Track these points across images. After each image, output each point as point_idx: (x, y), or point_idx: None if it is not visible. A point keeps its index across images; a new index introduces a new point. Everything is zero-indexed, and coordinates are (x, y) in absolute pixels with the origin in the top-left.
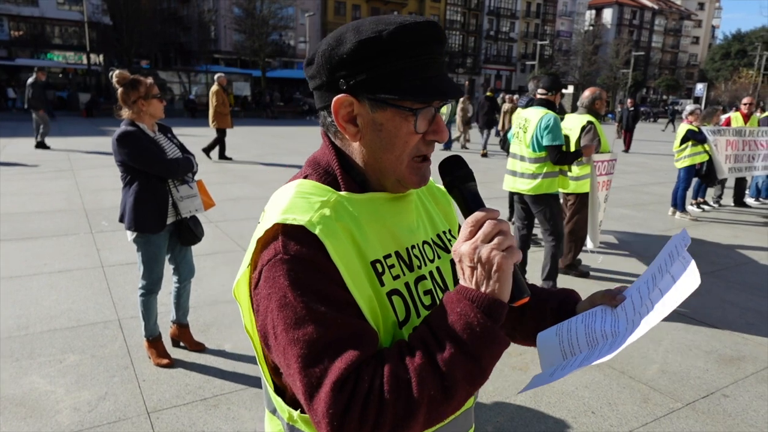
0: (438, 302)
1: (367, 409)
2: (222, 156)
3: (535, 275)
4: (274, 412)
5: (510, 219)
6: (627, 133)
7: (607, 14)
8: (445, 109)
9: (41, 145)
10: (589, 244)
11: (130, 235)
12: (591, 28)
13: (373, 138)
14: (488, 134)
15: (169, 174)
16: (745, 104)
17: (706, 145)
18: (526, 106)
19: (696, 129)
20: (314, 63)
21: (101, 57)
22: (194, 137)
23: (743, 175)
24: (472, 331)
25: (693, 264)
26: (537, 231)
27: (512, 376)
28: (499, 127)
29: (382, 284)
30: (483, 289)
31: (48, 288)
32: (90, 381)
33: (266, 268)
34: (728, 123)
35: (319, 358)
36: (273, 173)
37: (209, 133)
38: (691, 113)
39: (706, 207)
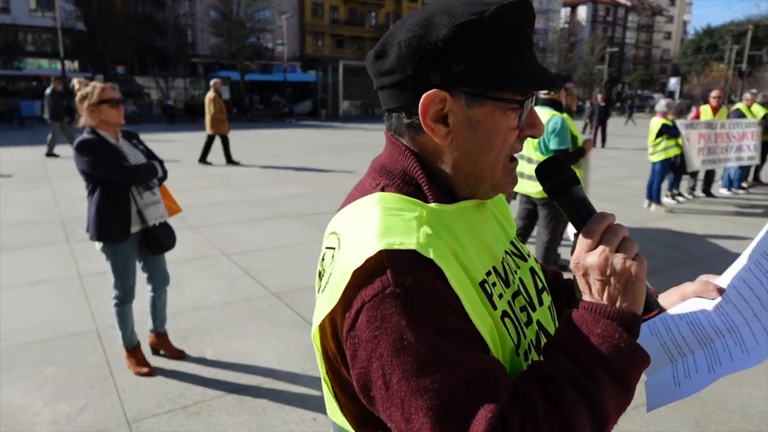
0: (531, 319)
1: None
2: (202, 159)
3: None
4: None
5: None
6: (600, 129)
7: (582, 11)
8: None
9: (50, 154)
10: (572, 236)
11: (98, 245)
12: (566, 25)
13: (468, 138)
14: None
15: (129, 181)
16: (714, 97)
17: (679, 139)
18: None
19: (670, 123)
20: (390, 55)
21: (76, 64)
22: (173, 143)
23: (717, 166)
24: (620, 354)
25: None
26: None
27: None
28: None
29: (495, 307)
30: (618, 304)
31: (24, 299)
32: (69, 393)
33: (369, 305)
34: (698, 116)
35: (457, 407)
36: (254, 177)
37: (188, 139)
38: (667, 107)
39: (680, 198)
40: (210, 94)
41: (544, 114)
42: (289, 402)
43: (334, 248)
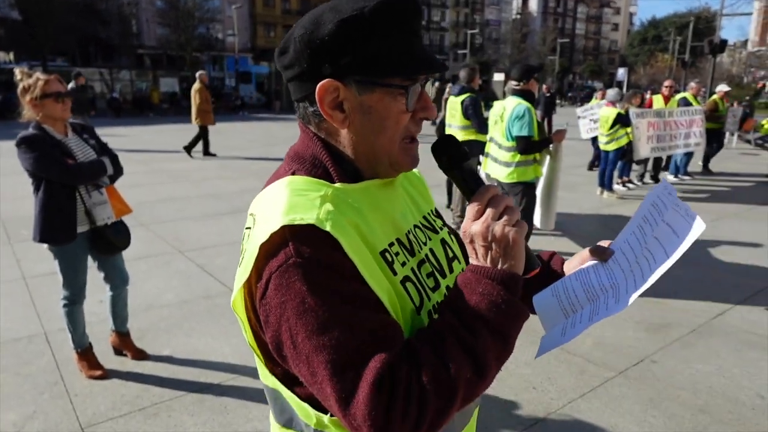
0: (440, 284)
1: (410, 405)
2: (207, 153)
3: None
4: (289, 423)
5: (448, 206)
6: (546, 120)
7: (533, 2)
8: (429, 86)
9: None
10: (537, 224)
11: (45, 244)
12: (518, 16)
13: (363, 122)
14: None
15: (72, 180)
16: (666, 87)
17: (629, 128)
18: (459, 94)
19: (624, 112)
20: (289, 51)
21: (11, 55)
22: (120, 138)
23: (666, 153)
24: (497, 309)
25: (689, 209)
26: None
27: None
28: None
29: (395, 273)
30: (500, 265)
31: None
32: (15, 400)
33: (276, 275)
34: (650, 104)
35: (350, 362)
36: (210, 171)
37: (136, 133)
38: (618, 97)
39: (630, 185)
40: (196, 85)
41: (512, 102)
42: (251, 399)
43: (250, 227)
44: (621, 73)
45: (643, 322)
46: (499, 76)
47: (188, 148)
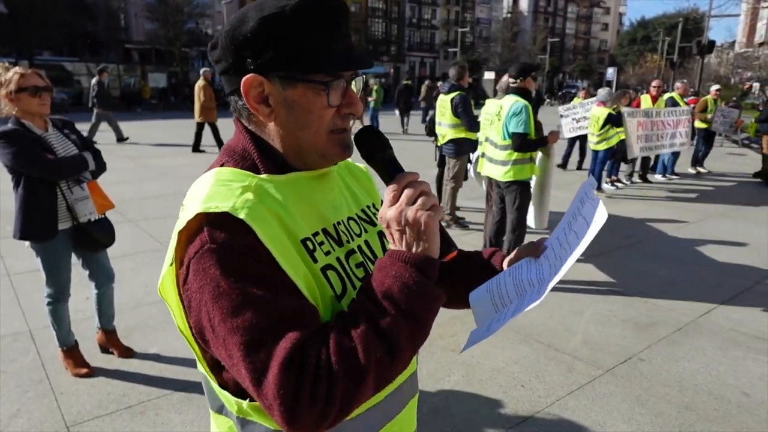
0: (369, 273)
1: (318, 384)
2: (195, 149)
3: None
4: (221, 410)
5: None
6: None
7: (524, 1)
8: (355, 84)
9: (119, 140)
10: (531, 224)
11: (25, 242)
12: (509, 15)
13: (288, 116)
14: (408, 117)
15: (52, 175)
16: (654, 87)
17: (620, 128)
18: (448, 92)
19: (614, 112)
20: (219, 46)
21: None
22: (108, 133)
23: (653, 153)
24: (409, 291)
25: (601, 203)
26: (465, 214)
27: (444, 357)
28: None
29: (315, 261)
30: (414, 249)
31: None
32: (0, 399)
33: (194, 261)
34: (638, 104)
35: (262, 342)
36: (199, 167)
37: (124, 128)
38: (608, 96)
39: (619, 185)
40: (200, 82)
41: (509, 100)
42: None
43: (179, 216)
44: (610, 72)
45: (630, 321)
46: (489, 75)
47: (195, 147)
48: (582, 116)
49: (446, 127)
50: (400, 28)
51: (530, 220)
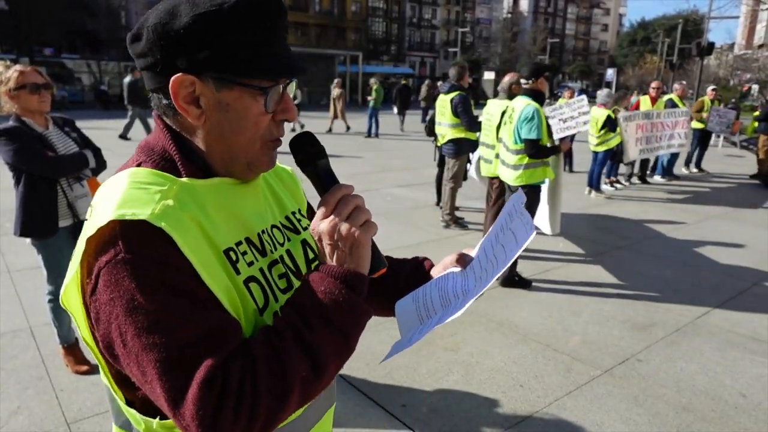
0: (292, 285)
1: (241, 404)
2: None
3: None
4: (126, 426)
5: (437, 204)
6: None
7: (524, 2)
8: (291, 88)
9: (123, 137)
10: (546, 230)
11: (27, 239)
12: (509, 15)
13: (221, 120)
14: (404, 116)
15: (53, 173)
16: (653, 88)
17: (618, 129)
18: (448, 92)
19: (613, 115)
20: (142, 39)
21: None
22: (107, 131)
23: (653, 155)
24: (338, 308)
25: (530, 219)
26: (465, 214)
27: (444, 357)
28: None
29: (238, 272)
30: (345, 265)
31: None
32: (0, 395)
33: (105, 271)
34: (638, 106)
35: (181, 360)
36: None
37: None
38: (608, 98)
39: (618, 186)
40: None
41: (520, 102)
42: None
43: (86, 218)
44: (610, 73)
45: (628, 322)
46: (489, 75)
47: None
48: (569, 116)
49: (446, 127)
50: (400, 28)
51: (544, 225)
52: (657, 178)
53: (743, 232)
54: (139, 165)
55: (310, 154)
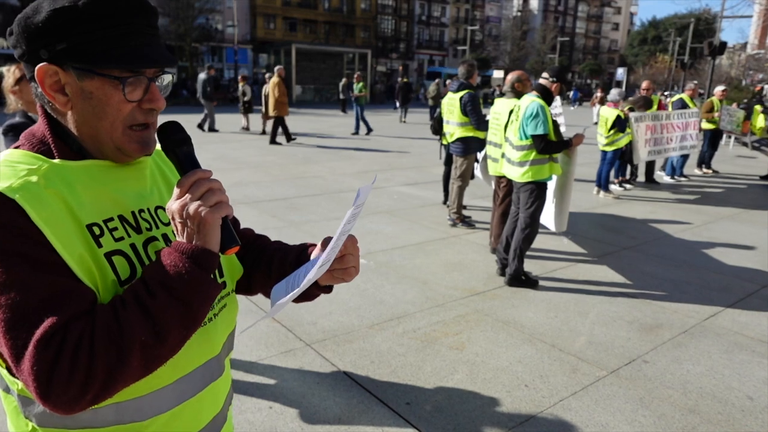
0: None
1: (76, 362)
2: (289, 138)
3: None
4: (7, 389)
5: (444, 202)
6: None
7: (534, 0)
8: (163, 79)
9: (212, 130)
10: (552, 227)
11: None
12: (519, 13)
13: (84, 107)
14: (406, 110)
15: None
16: (643, 89)
17: (628, 129)
18: (457, 90)
19: (623, 115)
20: (13, 33)
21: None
22: None
23: (663, 156)
24: (180, 279)
25: (357, 210)
26: (472, 213)
27: (449, 355)
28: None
29: (100, 245)
30: (194, 242)
31: None
32: None
33: None
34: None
35: (25, 320)
36: (205, 164)
37: None
38: (619, 97)
39: (627, 186)
40: (275, 79)
41: (526, 99)
42: (244, 391)
43: None
44: (620, 72)
45: (635, 322)
46: (498, 73)
47: (272, 139)
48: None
49: (454, 126)
50: (409, 26)
51: (549, 222)
52: (666, 179)
53: (753, 233)
54: (17, 148)
55: (173, 141)
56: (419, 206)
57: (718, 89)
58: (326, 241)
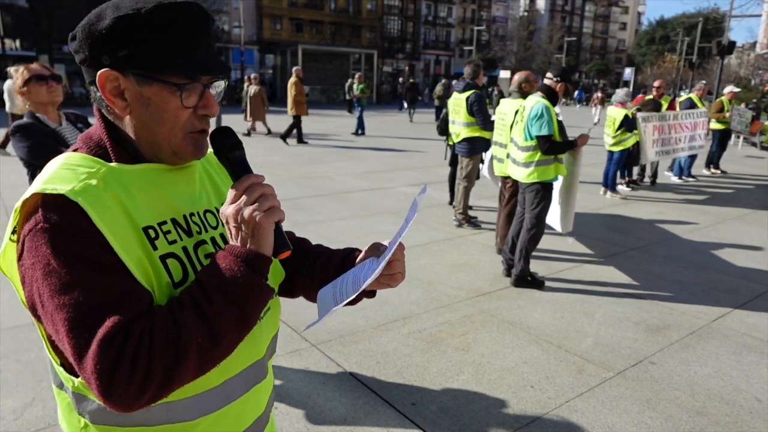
0: None
1: (137, 362)
2: (300, 140)
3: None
4: (60, 386)
5: (450, 203)
6: None
7: (541, 0)
8: (217, 86)
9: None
10: (558, 228)
11: None
12: (525, 13)
13: (143, 112)
14: (413, 109)
15: None
16: (655, 87)
17: (636, 130)
18: (463, 90)
19: (631, 115)
20: (77, 38)
21: (17, 42)
22: None
23: (671, 157)
24: (236, 282)
25: (416, 202)
26: (477, 213)
27: (455, 356)
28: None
29: (155, 248)
30: (248, 246)
31: None
32: (15, 387)
33: (28, 238)
34: (639, 101)
35: (87, 320)
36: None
37: None
38: (627, 97)
39: (634, 186)
40: (293, 79)
41: (532, 100)
42: None
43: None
44: (628, 72)
45: (642, 323)
46: (505, 74)
47: (284, 137)
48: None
49: (460, 126)
50: (415, 26)
51: (555, 223)
52: (673, 179)
53: (761, 234)
54: (75, 151)
55: (225, 146)
56: (425, 206)
57: (728, 89)
58: (373, 247)
